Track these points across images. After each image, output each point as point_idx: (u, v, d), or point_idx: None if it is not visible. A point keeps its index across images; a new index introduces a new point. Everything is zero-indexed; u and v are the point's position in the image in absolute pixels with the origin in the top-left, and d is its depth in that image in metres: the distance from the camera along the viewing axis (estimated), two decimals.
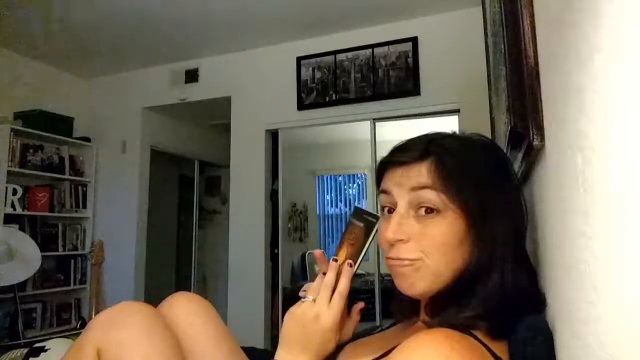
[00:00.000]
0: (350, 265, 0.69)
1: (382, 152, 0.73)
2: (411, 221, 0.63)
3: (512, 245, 0.62)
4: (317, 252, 0.75)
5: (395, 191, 0.65)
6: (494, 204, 0.62)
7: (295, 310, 0.67)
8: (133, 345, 0.76)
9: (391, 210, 0.66)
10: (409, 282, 0.63)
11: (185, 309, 0.92)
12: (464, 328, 0.57)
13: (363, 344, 0.73)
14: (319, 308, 0.66)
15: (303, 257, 3.87)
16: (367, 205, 3.77)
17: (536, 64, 0.63)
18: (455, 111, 3.04)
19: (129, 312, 0.81)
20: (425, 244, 0.61)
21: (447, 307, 0.61)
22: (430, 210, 0.61)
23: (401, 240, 0.62)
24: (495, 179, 0.64)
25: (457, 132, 0.71)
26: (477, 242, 0.61)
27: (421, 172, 0.62)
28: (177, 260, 5.26)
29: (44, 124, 3.64)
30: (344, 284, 0.68)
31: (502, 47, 0.75)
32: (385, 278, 3.08)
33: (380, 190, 0.69)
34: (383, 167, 0.69)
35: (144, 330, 0.78)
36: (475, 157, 0.65)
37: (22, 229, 3.47)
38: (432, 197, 0.61)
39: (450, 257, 0.61)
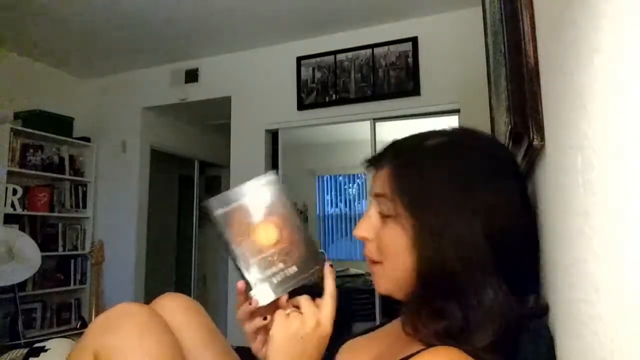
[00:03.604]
0: (332, 266, 0.68)
1: None
2: (374, 222, 0.65)
3: (492, 252, 0.57)
4: (240, 284, 0.73)
5: (370, 192, 0.68)
6: (452, 208, 0.58)
7: (289, 325, 0.62)
8: (128, 350, 0.75)
9: None
10: (376, 282, 0.66)
11: (173, 310, 0.90)
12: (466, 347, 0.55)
13: (362, 344, 0.73)
14: (317, 315, 0.63)
15: None
16: (366, 206, 3.76)
17: (536, 64, 0.63)
18: (455, 111, 3.04)
19: (124, 315, 0.80)
20: (381, 248, 0.63)
21: (420, 317, 0.58)
22: (386, 215, 0.63)
23: (365, 238, 0.65)
24: (457, 181, 0.60)
25: (447, 128, 0.67)
26: (433, 249, 0.57)
27: (382, 179, 0.64)
28: (177, 260, 5.26)
29: (44, 124, 3.64)
30: (332, 286, 0.66)
31: (502, 47, 0.75)
32: None
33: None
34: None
35: (139, 334, 0.77)
36: (434, 160, 0.62)
37: (22, 229, 3.47)
38: (386, 204, 0.62)
39: (404, 263, 0.60)
